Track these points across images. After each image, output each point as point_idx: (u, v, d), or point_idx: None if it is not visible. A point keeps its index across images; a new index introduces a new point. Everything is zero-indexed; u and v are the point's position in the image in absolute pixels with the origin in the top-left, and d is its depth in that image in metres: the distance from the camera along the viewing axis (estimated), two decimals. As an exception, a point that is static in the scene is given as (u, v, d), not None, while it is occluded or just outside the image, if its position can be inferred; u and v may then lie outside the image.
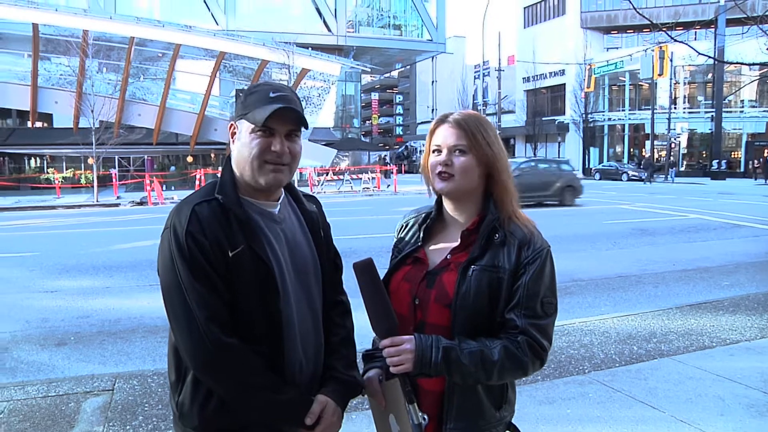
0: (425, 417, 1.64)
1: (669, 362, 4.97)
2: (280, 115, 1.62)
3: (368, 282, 1.65)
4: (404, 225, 1.94)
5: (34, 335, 6.18)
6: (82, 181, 33.35)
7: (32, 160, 39.44)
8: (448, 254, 1.75)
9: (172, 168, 38.08)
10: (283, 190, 1.79)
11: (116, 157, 35.93)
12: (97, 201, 24.36)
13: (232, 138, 1.70)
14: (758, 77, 31.17)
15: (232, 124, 1.70)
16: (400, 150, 64.51)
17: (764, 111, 45.85)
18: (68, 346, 5.87)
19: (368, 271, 1.65)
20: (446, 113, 1.80)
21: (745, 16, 8.66)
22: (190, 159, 38.24)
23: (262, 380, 1.60)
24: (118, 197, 26.04)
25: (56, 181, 30.39)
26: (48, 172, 35.99)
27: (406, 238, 1.88)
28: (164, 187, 27.94)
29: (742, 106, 46.47)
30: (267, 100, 1.64)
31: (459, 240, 1.75)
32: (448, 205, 1.82)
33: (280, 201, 1.76)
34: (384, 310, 1.63)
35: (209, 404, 1.63)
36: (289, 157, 1.68)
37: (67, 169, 36.81)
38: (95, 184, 25.79)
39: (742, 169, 41.93)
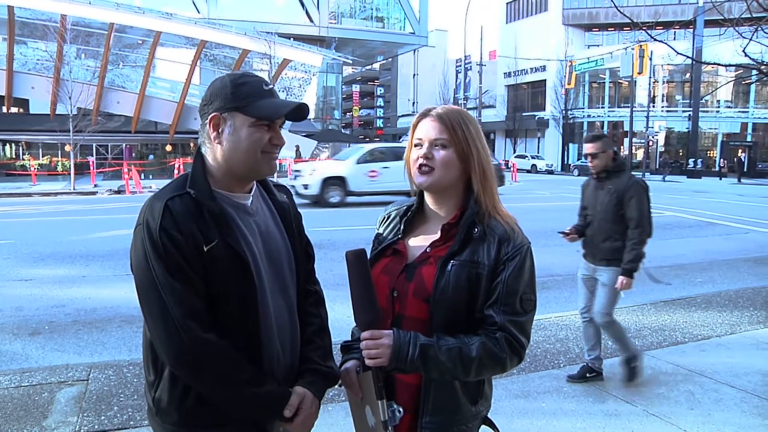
0: (400, 410, 1.65)
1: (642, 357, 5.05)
2: (287, 110, 1.65)
3: (358, 272, 1.65)
4: (386, 217, 1.93)
5: (7, 324, 6.10)
6: (59, 168, 32.90)
7: (7, 147, 38.82)
8: (428, 247, 1.75)
9: (151, 157, 37.70)
10: (254, 181, 1.79)
11: (94, 144, 35.52)
12: (74, 189, 24.04)
13: (216, 130, 1.65)
14: (734, 78, 31.62)
15: (216, 116, 1.65)
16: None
17: (739, 112, 46.58)
18: (42, 335, 5.81)
19: (360, 261, 1.66)
20: (429, 107, 1.80)
21: (722, 18, 8.76)
22: (169, 148, 37.90)
23: (240, 374, 1.60)
24: (95, 185, 25.71)
25: (32, 168, 29.89)
26: (23, 159, 35.44)
27: (387, 231, 1.88)
28: (142, 176, 27.61)
29: (718, 106, 47.17)
30: (264, 93, 1.65)
31: (439, 233, 1.75)
32: (429, 199, 1.82)
33: (252, 193, 1.75)
34: (370, 302, 1.63)
35: (187, 399, 1.62)
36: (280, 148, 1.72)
37: (43, 156, 36.33)
38: (72, 171, 25.45)
39: (717, 168, 42.56)
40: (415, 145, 1.78)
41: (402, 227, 1.84)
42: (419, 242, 1.80)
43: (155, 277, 1.53)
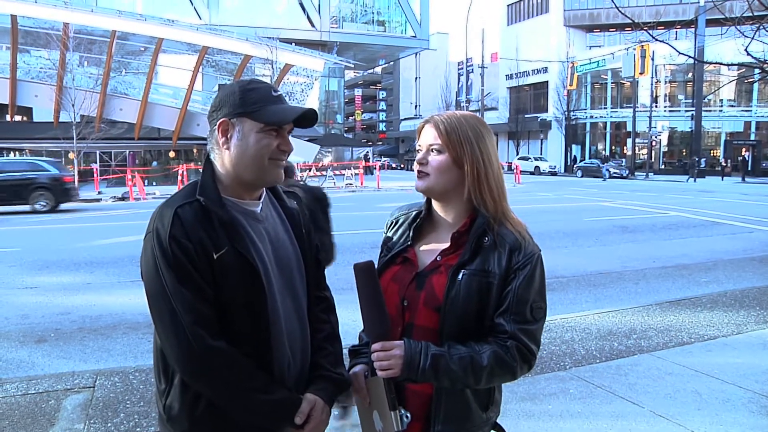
0: (408, 415, 1.65)
1: (648, 358, 5.04)
2: (296, 115, 1.65)
3: (367, 284, 1.65)
4: (393, 222, 1.92)
5: (13, 332, 6.12)
6: (63, 176, 32.92)
7: (11, 155, 38.88)
8: (438, 256, 1.75)
9: (155, 163, 37.79)
10: (264, 188, 1.78)
11: (97, 152, 35.50)
12: (78, 196, 24.06)
13: (224, 136, 1.65)
14: (736, 77, 31.54)
15: (224, 121, 1.64)
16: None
17: (742, 110, 46.49)
18: (48, 342, 5.82)
19: (368, 273, 1.66)
20: (433, 114, 1.81)
21: (724, 17, 8.76)
22: (172, 154, 37.93)
23: (251, 382, 1.60)
24: (99, 192, 25.74)
25: (36, 176, 29.91)
26: (27, 167, 35.46)
27: (395, 237, 1.87)
28: (146, 183, 27.70)
29: (721, 106, 47.06)
30: (274, 99, 1.65)
31: (449, 241, 1.74)
32: (435, 205, 1.81)
33: (261, 200, 1.75)
34: (379, 314, 1.63)
35: (198, 407, 1.62)
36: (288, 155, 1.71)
37: (47, 164, 36.33)
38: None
39: (720, 168, 42.41)
40: (417, 151, 1.80)
41: (411, 234, 1.83)
42: (429, 250, 1.79)
43: (165, 285, 1.54)
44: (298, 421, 1.65)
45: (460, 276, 1.66)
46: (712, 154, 46.86)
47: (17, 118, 35.27)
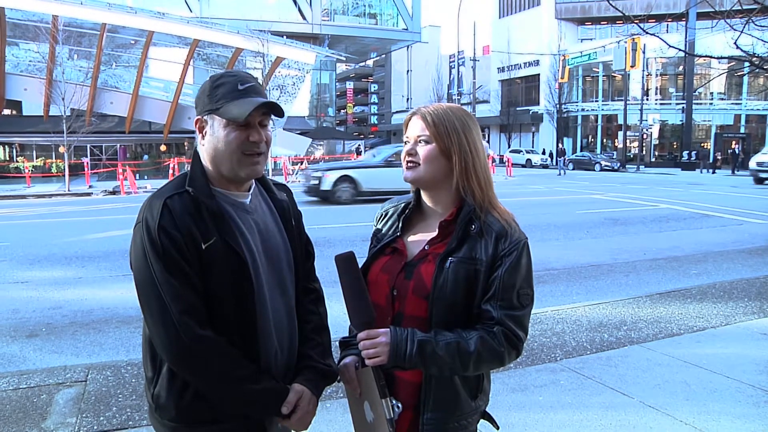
0: (399, 405, 1.67)
1: (638, 349, 5.08)
2: (258, 108, 1.64)
3: (348, 275, 1.67)
4: (383, 214, 1.95)
5: (4, 327, 6.09)
6: (53, 170, 32.79)
7: (0, 149, 38.67)
8: (426, 245, 1.77)
9: (146, 157, 37.69)
10: (253, 179, 1.79)
11: (88, 145, 35.32)
12: (69, 190, 23.96)
13: (201, 133, 1.69)
14: (726, 70, 31.68)
15: (199, 119, 1.69)
16: None
17: (732, 104, 46.69)
18: (40, 337, 5.80)
19: (349, 264, 1.68)
20: (420, 106, 1.83)
21: (714, 10, 8.81)
22: (163, 148, 37.81)
23: (238, 371, 1.61)
24: (90, 186, 25.64)
25: (26, 170, 29.79)
26: (17, 161, 35.32)
27: (385, 228, 1.90)
28: (137, 176, 27.57)
29: (712, 99, 47.24)
30: (238, 93, 1.64)
31: (437, 231, 1.77)
32: (424, 195, 1.84)
33: (251, 191, 1.77)
34: (362, 304, 1.65)
35: (185, 395, 1.64)
36: (265, 146, 1.71)
37: (37, 158, 36.19)
38: (67, 173, 25.37)
39: (711, 160, 42.60)
40: (405, 142, 1.82)
41: (400, 225, 1.85)
42: (418, 240, 1.81)
43: (153, 275, 1.55)
44: (285, 410, 1.67)
45: (447, 263, 1.68)
46: (702, 147, 47.07)
47: (6, 111, 35.03)
